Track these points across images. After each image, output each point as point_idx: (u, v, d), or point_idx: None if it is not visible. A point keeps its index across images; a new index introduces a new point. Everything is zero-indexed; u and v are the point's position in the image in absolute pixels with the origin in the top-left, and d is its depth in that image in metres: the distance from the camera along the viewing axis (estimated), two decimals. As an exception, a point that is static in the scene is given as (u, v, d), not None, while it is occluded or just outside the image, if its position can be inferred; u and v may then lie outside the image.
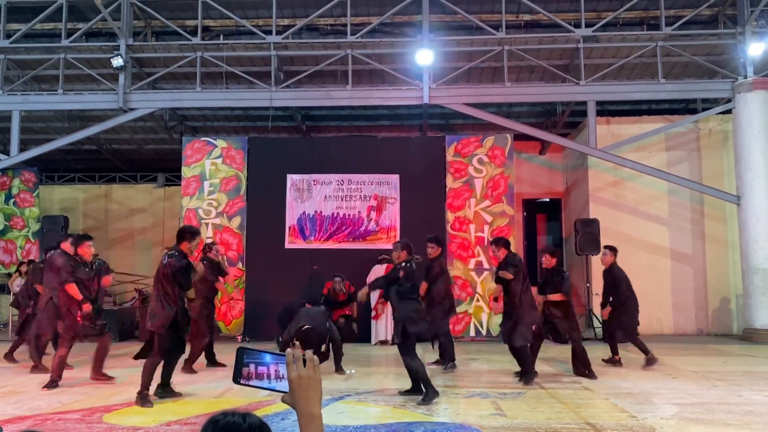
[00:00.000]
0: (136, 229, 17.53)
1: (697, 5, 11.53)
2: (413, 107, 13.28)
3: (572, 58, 12.37)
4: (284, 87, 12.08)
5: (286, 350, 1.39)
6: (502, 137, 12.33)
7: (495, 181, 12.10)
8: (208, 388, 6.73)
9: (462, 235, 11.93)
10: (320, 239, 11.98)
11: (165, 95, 12.53)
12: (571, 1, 11.74)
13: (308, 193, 12.23)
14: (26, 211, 14.86)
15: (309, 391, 1.36)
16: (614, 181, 13.24)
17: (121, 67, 11.61)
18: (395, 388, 6.56)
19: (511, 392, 6.35)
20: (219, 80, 13.05)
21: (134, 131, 15.75)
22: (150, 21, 12.51)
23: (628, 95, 12.11)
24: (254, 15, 12.36)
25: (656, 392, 6.37)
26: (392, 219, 12.05)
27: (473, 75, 13.29)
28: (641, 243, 12.90)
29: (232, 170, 12.43)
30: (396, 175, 12.14)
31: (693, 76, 12.63)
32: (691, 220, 13.04)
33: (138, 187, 17.90)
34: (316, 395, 1.37)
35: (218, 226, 12.24)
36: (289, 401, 1.37)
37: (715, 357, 9.46)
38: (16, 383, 6.95)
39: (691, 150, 13.20)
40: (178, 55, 12.15)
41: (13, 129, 12.14)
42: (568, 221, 14.93)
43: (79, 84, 13.38)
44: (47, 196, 17.02)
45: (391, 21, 12.11)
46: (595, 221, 12.10)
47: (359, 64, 12.22)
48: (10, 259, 14.22)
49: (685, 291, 12.87)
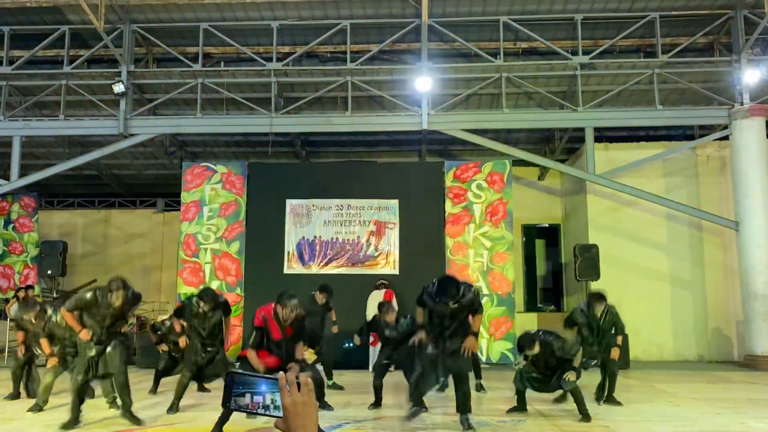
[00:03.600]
0: (134, 254, 17.48)
1: (693, 33, 11.68)
2: (412, 133, 13.35)
3: (570, 85, 12.49)
4: (284, 113, 12.16)
5: (279, 374, 1.31)
6: (500, 163, 12.39)
7: (494, 207, 12.11)
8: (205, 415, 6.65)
9: (461, 260, 11.91)
10: (319, 264, 11.95)
11: (165, 121, 12.61)
12: (568, 29, 11.89)
13: (307, 219, 12.24)
14: (25, 236, 14.83)
15: (305, 419, 1.28)
16: (613, 207, 13.26)
17: (122, 93, 11.70)
18: (394, 416, 6.48)
19: (511, 420, 6.27)
20: (219, 106, 13.14)
21: (134, 157, 15.80)
22: (151, 48, 12.63)
23: (626, 122, 12.21)
24: (255, 42, 12.49)
25: (657, 420, 6.30)
26: (392, 244, 12.04)
27: (472, 101, 13.40)
28: (640, 269, 12.88)
29: (231, 195, 12.45)
30: (395, 201, 12.17)
31: (690, 103, 12.74)
32: (690, 246, 13.03)
33: (137, 212, 17.90)
34: (312, 422, 1.29)
35: (217, 251, 12.22)
36: (283, 428, 1.28)
37: (716, 384, 9.37)
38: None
39: (689, 176, 13.26)
40: (179, 82, 12.26)
41: (14, 154, 12.19)
42: (567, 247, 14.92)
43: (80, 110, 13.45)
44: (46, 221, 16.99)
45: (390, 48, 12.25)
46: (594, 247, 12.08)
47: (359, 91, 12.33)
48: (7, 284, 14.14)
49: (684, 317, 12.81)
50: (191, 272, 12.19)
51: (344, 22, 11.64)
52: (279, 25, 11.76)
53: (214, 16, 11.91)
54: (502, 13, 11.62)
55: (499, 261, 11.86)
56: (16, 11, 11.85)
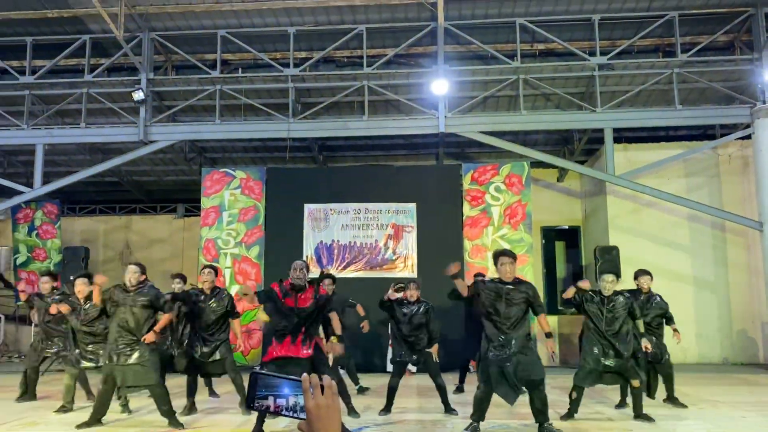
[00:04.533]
0: (155, 259, 17.62)
1: (713, 32, 11.54)
2: (429, 136, 13.34)
3: (588, 86, 12.39)
4: (302, 118, 12.22)
5: (303, 376, 1.30)
6: (518, 165, 12.33)
7: (512, 209, 12.06)
8: (227, 419, 6.69)
9: (480, 263, 11.86)
10: (338, 268, 11.97)
11: (185, 128, 12.73)
12: (585, 29, 11.81)
13: (325, 223, 12.28)
14: (48, 243, 15.07)
15: (328, 422, 1.27)
16: (633, 208, 13.13)
17: (141, 101, 11.83)
18: (416, 419, 6.47)
19: (532, 422, 6.22)
20: (238, 112, 13.24)
21: (154, 163, 15.97)
22: (170, 55, 12.78)
23: (645, 122, 12.08)
24: (272, 48, 12.59)
25: (682, 423, 6.22)
26: (409, 247, 12.04)
27: (489, 103, 13.36)
28: (662, 270, 12.68)
29: (250, 200, 12.53)
30: (413, 204, 12.17)
31: (711, 102, 12.58)
32: (713, 247, 12.85)
33: (158, 218, 18.08)
34: (335, 425, 1.28)
35: (237, 256, 12.31)
36: (307, 430, 1.28)
37: (741, 386, 9.23)
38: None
39: (710, 176, 13.08)
40: (198, 89, 12.38)
41: (37, 162, 12.37)
42: (587, 249, 14.79)
43: (100, 117, 13.64)
44: (69, 228, 17.23)
45: (407, 52, 12.26)
46: (614, 248, 11.96)
47: (375, 95, 12.35)
48: (32, 290, 14.35)
49: (708, 319, 12.63)
50: (211, 277, 12.26)
51: (360, 27, 11.68)
52: (296, 30, 11.83)
53: (231, 23, 12.01)
54: (518, 14, 11.58)
55: (518, 264, 11.76)
56: (38, 22, 12.06)
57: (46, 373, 8.34)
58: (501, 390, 5.65)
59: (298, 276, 5.64)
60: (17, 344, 15.85)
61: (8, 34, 12.33)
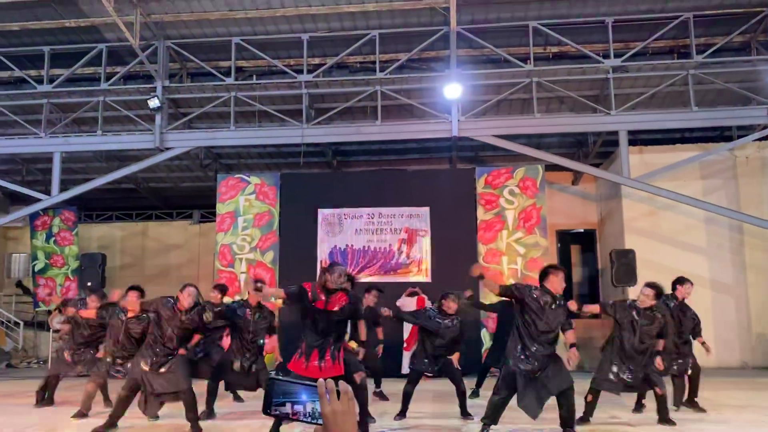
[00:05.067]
0: (172, 265, 17.78)
1: (729, 32, 11.44)
2: (442, 140, 13.34)
3: (602, 89, 12.32)
4: (315, 124, 12.26)
5: (319, 381, 1.31)
6: (533, 168, 12.29)
7: (527, 213, 12.01)
8: (244, 424, 6.72)
9: (495, 267, 11.83)
10: (352, 273, 11.96)
11: (200, 134, 12.83)
12: (599, 32, 11.75)
13: (339, 227, 12.31)
14: (66, 249, 15.23)
15: (343, 427, 1.27)
16: (649, 211, 13.02)
17: (157, 108, 11.94)
18: (432, 425, 6.46)
19: (550, 428, 6.18)
20: (252, 119, 13.33)
21: (170, 170, 16.11)
22: (185, 63, 12.90)
23: (661, 124, 11.98)
24: (286, 55, 12.66)
25: (700, 428, 6.15)
26: (423, 252, 12.03)
27: (502, 107, 13.32)
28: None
29: (265, 206, 12.60)
30: (426, 208, 12.16)
31: (727, 103, 12.46)
32: (731, 250, 12.71)
33: (174, 224, 18.21)
34: (351, 431, 1.29)
35: (251, 261, 12.37)
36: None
37: (762, 391, 9.11)
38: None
39: (727, 178, 12.95)
40: (213, 96, 12.47)
41: (55, 170, 12.51)
42: (603, 252, 14.68)
43: (117, 125, 13.79)
44: (86, 235, 17.41)
45: (419, 57, 12.27)
46: (631, 252, 11.86)
47: (388, 100, 12.37)
48: (50, 296, 14.51)
49: (727, 323, 12.48)
50: (227, 282, 12.32)
51: (373, 32, 11.71)
52: (309, 37, 11.89)
53: (245, 31, 12.11)
54: (531, 18, 11.56)
55: (533, 268, 11.73)
56: (56, 31, 12.24)
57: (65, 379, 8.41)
58: (524, 402, 5.55)
59: (337, 280, 5.48)
60: (36, 350, 16.05)
61: (27, 44, 12.52)
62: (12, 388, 9.99)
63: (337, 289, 5.52)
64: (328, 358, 5.43)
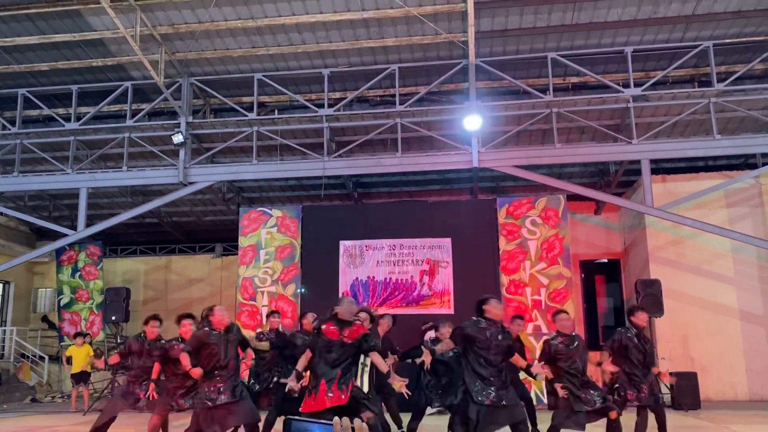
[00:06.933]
0: (194, 298, 17.85)
1: (749, 60, 11.40)
2: (463, 171, 13.35)
3: (623, 118, 12.29)
4: (336, 156, 12.37)
5: (334, 420, 1.32)
6: (554, 198, 12.23)
7: (550, 243, 11.92)
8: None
9: (518, 298, 11.71)
10: (373, 305, 11.93)
11: (223, 168, 12.99)
12: (618, 61, 11.78)
13: (361, 259, 12.30)
14: (91, 284, 15.42)
15: None
16: (674, 240, 12.84)
17: (181, 144, 12.15)
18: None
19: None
20: (274, 152, 13.49)
21: (193, 204, 16.30)
22: (209, 99, 13.15)
23: (683, 152, 11.87)
24: (307, 90, 12.86)
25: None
26: (445, 283, 11.96)
27: (522, 137, 13.33)
28: (707, 303, 12.36)
29: (286, 238, 12.66)
30: (448, 239, 12.12)
31: (750, 131, 12.34)
32: (760, 279, 12.44)
33: (196, 257, 18.35)
34: None
35: (273, 294, 12.39)
36: None
37: (798, 425, 8.80)
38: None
39: (754, 206, 12.75)
40: (236, 131, 12.67)
41: (81, 206, 12.72)
42: (628, 282, 14.46)
43: (141, 160, 14.03)
44: (110, 269, 17.61)
45: (439, 89, 12.38)
46: (656, 282, 11.67)
47: (408, 132, 12.45)
48: (75, 330, 14.64)
49: (758, 353, 12.15)
50: (249, 315, 12.37)
51: (393, 66, 11.86)
52: (330, 72, 12.07)
53: (267, 67, 12.34)
54: (550, 49, 11.64)
55: (557, 299, 11.61)
56: (83, 70, 12.60)
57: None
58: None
59: (348, 309, 5.56)
60: (60, 384, 16.13)
61: (56, 83, 12.89)
62: (35, 423, 10.02)
63: (352, 321, 5.59)
64: (335, 389, 5.40)
